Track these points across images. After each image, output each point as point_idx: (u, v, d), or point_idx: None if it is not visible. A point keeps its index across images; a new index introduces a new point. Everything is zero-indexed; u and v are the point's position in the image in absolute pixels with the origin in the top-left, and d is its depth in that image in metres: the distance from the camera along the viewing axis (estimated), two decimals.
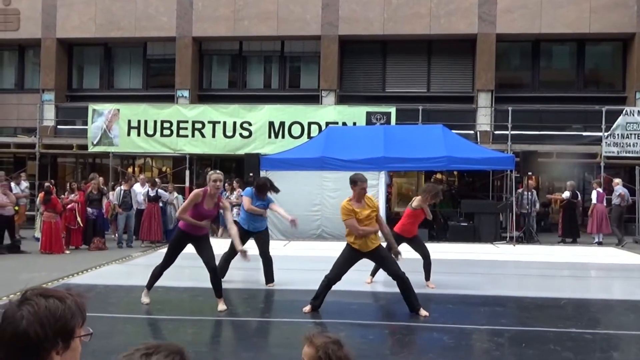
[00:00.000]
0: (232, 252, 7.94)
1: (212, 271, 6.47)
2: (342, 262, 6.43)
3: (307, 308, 6.42)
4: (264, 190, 7.97)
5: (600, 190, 14.79)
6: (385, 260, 6.44)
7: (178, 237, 6.65)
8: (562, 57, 19.35)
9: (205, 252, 6.49)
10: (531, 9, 17.50)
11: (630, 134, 15.59)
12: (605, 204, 14.74)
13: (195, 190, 6.57)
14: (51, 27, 19.36)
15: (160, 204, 13.96)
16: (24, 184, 15.10)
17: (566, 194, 14.96)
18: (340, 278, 6.44)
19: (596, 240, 14.55)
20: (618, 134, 15.62)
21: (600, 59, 19.34)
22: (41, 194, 12.39)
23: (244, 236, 7.95)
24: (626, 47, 17.92)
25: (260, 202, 8.00)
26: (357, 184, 6.28)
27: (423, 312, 6.31)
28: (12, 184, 13.90)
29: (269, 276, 7.97)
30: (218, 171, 6.64)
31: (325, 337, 1.79)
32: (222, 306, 6.46)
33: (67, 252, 11.84)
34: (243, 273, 8.66)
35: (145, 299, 6.70)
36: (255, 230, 7.94)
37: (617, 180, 14.84)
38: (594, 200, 14.67)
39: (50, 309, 1.40)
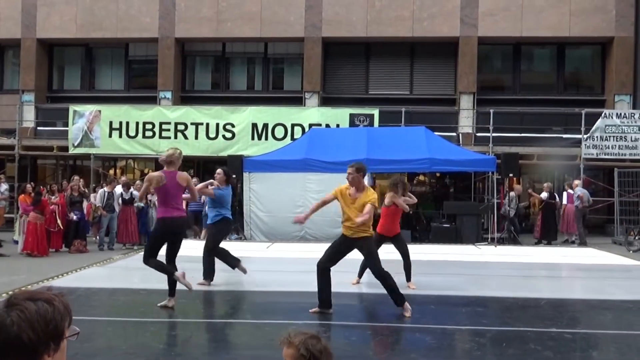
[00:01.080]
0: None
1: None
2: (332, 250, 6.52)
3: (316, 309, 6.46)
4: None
5: (570, 191, 15.32)
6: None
7: (157, 228, 6.80)
8: (543, 60, 19.60)
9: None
10: (512, 12, 17.70)
11: (609, 137, 15.83)
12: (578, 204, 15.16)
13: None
14: (31, 27, 19.12)
15: (142, 205, 13.84)
16: (4, 186, 14.89)
17: (544, 195, 15.17)
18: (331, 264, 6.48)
19: (572, 239, 15.07)
20: (597, 136, 15.85)
21: (580, 62, 19.63)
22: (22, 196, 12.21)
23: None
24: (605, 51, 18.20)
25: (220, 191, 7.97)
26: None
27: (407, 306, 6.34)
28: None
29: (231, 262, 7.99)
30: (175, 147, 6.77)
31: (302, 334, 1.81)
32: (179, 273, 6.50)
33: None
34: (225, 275, 8.61)
35: (165, 303, 6.65)
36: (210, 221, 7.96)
37: (576, 182, 15.30)
38: (564, 201, 15.39)
39: (41, 313, 1.40)
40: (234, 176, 14.86)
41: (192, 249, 8.88)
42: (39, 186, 12.42)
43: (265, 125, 16.60)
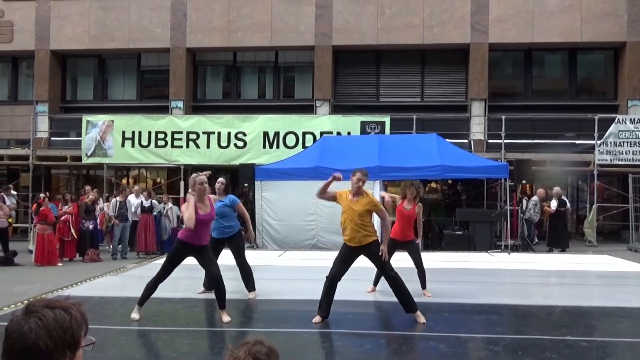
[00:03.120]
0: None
1: (217, 283, 6.47)
2: (338, 260, 6.53)
3: (317, 318, 6.42)
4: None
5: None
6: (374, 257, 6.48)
7: (177, 248, 6.55)
8: (555, 65, 19.49)
9: (208, 264, 6.49)
10: (523, 18, 17.65)
11: (623, 142, 15.69)
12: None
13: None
14: (45, 38, 19.37)
15: (155, 214, 13.92)
16: (12, 199, 15.03)
17: (553, 203, 14.97)
18: (340, 277, 6.49)
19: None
20: (611, 142, 15.72)
21: (592, 67, 19.49)
22: (34, 205, 12.35)
23: (217, 246, 7.80)
24: (617, 56, 18.07)
25: (220, 202, 7.60)
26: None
27: (421, 319, 6.31)
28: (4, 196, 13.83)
29: (250, 285, 7.88)
30: (200, 173, 6.59)
31: (243, 344, 1.72)
32: (226, 317, 6.46)
33: (60, 264, 11.77)
34: (236, 284, 8.62)
35: (135, 315, 6.53)
36: (226, 235, 7.78)
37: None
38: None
39: (58, 321, 1.41)
40: (245, 185, 14.97)
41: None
42: (39, 195, 12.46)
43: (277, 134, 16.64)
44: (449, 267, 11.11)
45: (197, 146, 16.92)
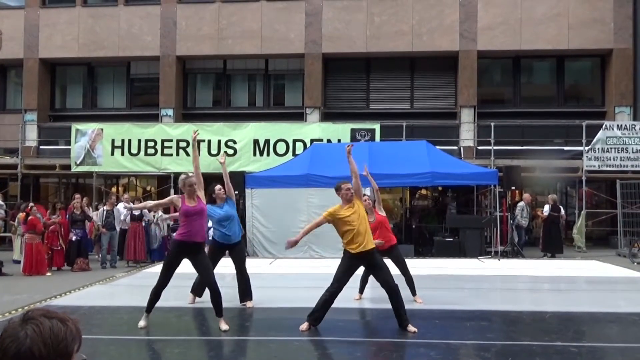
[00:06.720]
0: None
1: (211, 291, 6.43)
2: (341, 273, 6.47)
3: (304, 326, 6.40)
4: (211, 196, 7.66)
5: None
6: (378, 267, 6.46)
7: (173, 250, 6.61)
8: (543, 72, 19.68)
9: (204, 270, 6.49)
10: (511, 26, 17.81)
11: (610, 148, 15.83)
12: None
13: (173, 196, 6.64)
14: (34, 47, 19.30)
15: (144, 223, 13.84)
16: None
17: (546, 209, 15.11)
18: (341, 289, 6.48)
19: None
20: (598, 148, 15.86)
21: (579, 74, 19.70)
22: (21, 215, 12.24)
23: (219, 252, 7.76)
24: (604, 63, 18.27)
25: (219, 209, 7.63)
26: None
27: (411, 328, 6.31)
28: None
29: (246, 293, 7.81)
30: (189, 174, 6.73)
31: None
32: (224, 325, 6.41)
33: (49, 274, 11.66)
34: (227, 291, 8.59)
35: (142, 323, 6.51)
36: (231, 241, 7.70)
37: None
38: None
39: (54, 330, 1.42)
40: (236, 192, 14.93)
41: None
42: (27, 204, 12.37)
43: (267, 141, 16.65)
44: (440, 274, 11.12)
45: (187, 154, 16.86)
